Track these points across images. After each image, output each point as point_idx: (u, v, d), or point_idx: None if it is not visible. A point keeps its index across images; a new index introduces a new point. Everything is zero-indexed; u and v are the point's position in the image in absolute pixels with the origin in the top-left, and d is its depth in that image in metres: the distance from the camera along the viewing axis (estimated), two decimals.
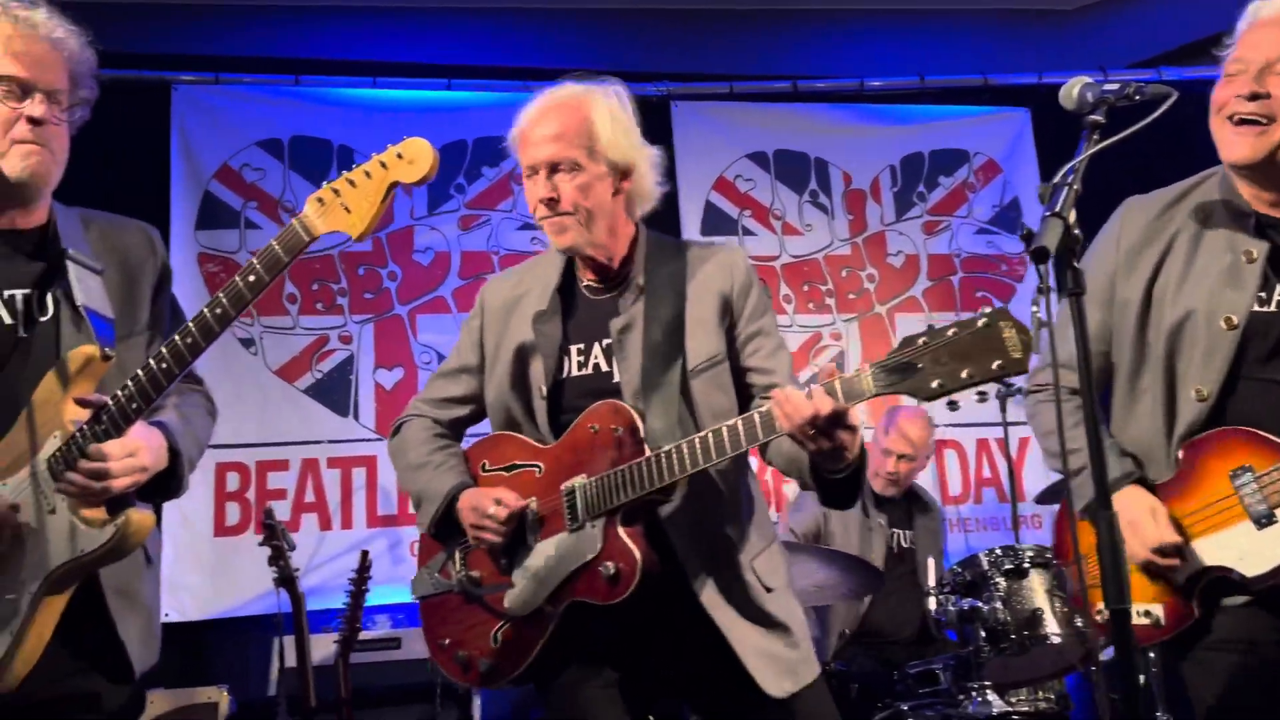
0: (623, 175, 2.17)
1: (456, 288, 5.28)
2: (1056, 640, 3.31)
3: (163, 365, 1.82)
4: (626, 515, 2.00)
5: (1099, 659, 3.39)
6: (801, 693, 2.06)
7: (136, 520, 1.85)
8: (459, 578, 2.19)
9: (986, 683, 3.36)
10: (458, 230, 5.36)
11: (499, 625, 2.13)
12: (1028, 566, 3.40)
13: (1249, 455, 1.94)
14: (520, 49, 5.48)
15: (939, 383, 1.71)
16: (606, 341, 2.16)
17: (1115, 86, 1.82)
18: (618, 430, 2.03)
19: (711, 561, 2.08)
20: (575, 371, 2.17)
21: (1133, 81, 1.84)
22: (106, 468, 1.81)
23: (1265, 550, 1.91)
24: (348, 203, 1.78)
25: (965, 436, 5.60)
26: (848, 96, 5.81)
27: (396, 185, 1.78)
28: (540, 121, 2.16)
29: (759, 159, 5.77)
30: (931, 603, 3.59)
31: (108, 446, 1.83)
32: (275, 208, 5.17)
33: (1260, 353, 1.98)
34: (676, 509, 2.05)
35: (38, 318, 1.98)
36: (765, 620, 2.07)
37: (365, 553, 3.71)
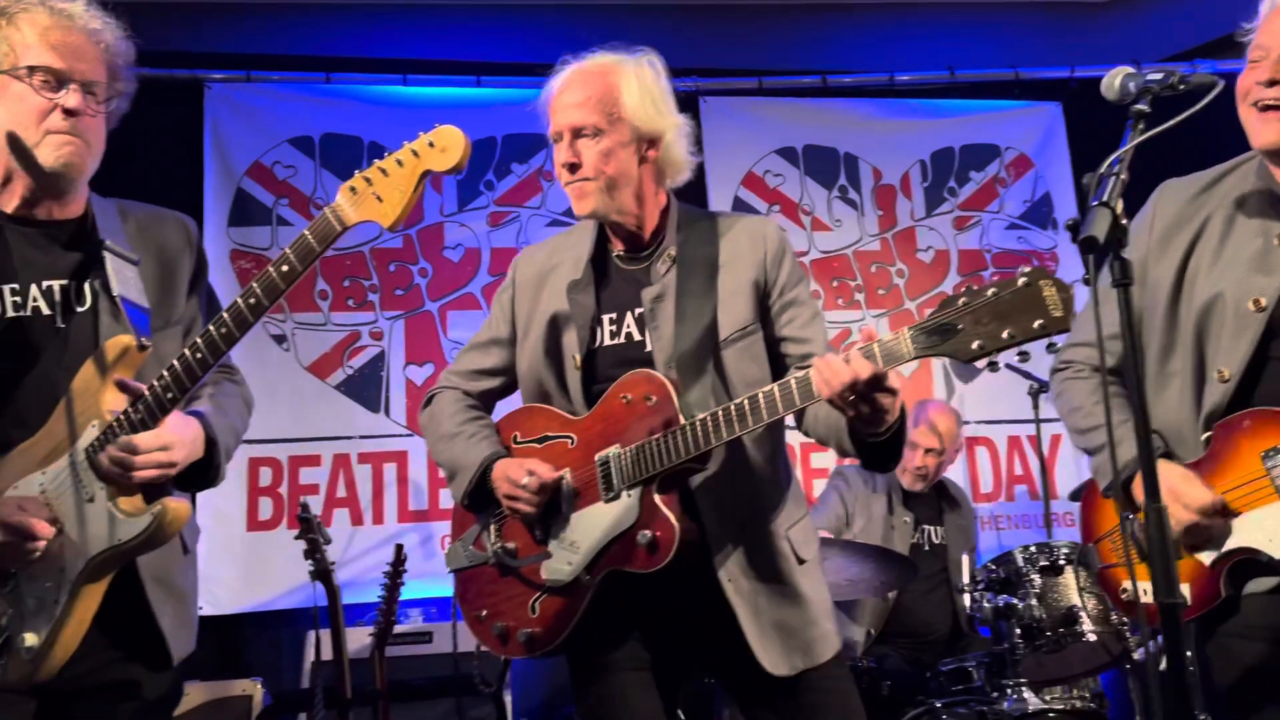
0: (649, 143, 2.15)
1: (486, 284, 5.29)
2: (1092, 637, 3.27)
3: (198, 355, 1.83)
4: (662, 483, 2.00)
5: (1133, 655, 3.36)
6: (814, 671, 2.04)
7: (173, 509, 1.85)
8: (494, 549, 2.18)
9: (1022, 680, 3.33)
10: (487, 227, 5.37)
11: (536, 595, 2.12)
12: (1063, 563, 3.37)
13: None
14: (548, 46, 5.43)
15: (979, 343, 1.69)
16: (639, 311, 2.15)
17: (1159, 76, 1.81)
18: (651, 399, 2.02)
19: (743, 530, 2.07)
20: (608, 341, 2.17)
21: (1177, 70, 1.83)
22: (132, 459, 1.82)
23: None
24: (380, 191, 1.77)
25: (997, 433, 5.54)
26: (877, 91, 5.76)
27: (429, 174, 1.76)
28: (566, 88, 2.16)
29: (788, 154, 5.74)
30: (966, 599, 3.56)
31: (140, 438, 1.83)
32: (306, 205, 5.20)
33: None
34: (708, 477, 2.05)
35: (75, 308, 1.99)
36: (789, 593, 2.06)
37: (400, 546, 3.72)
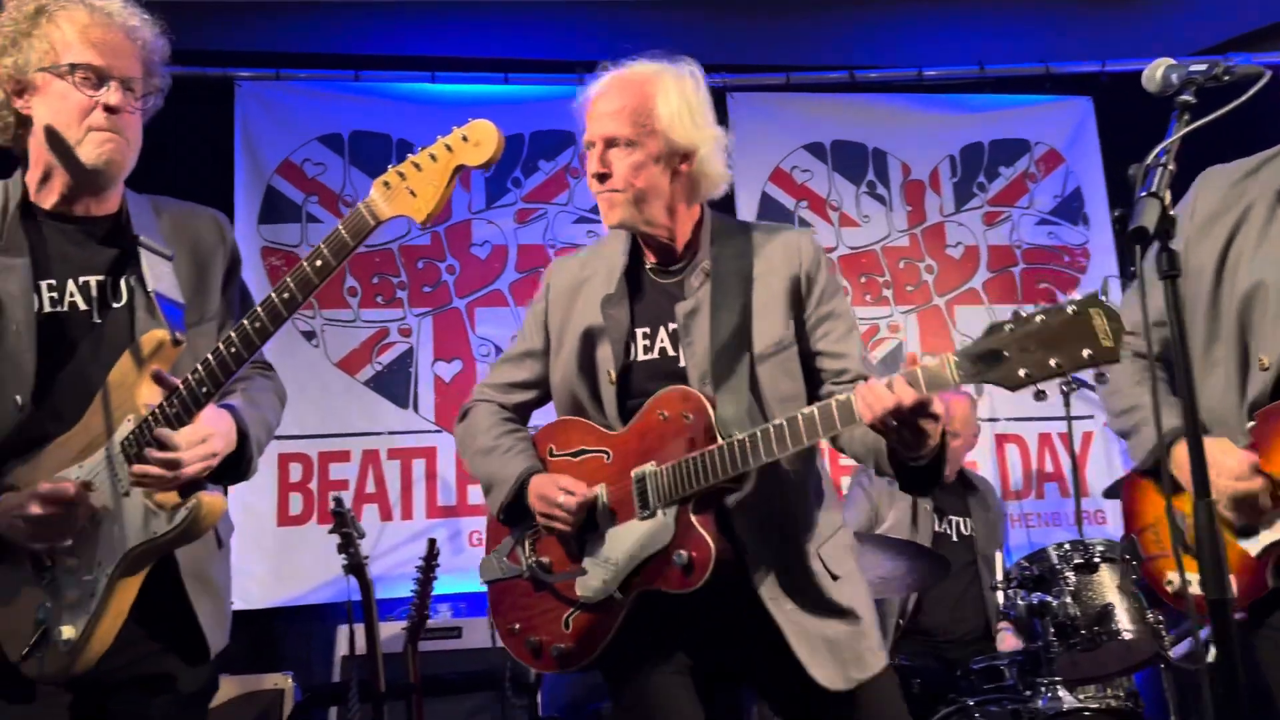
0: (683, 157, 2.13)
1: (513, 281, 5.30)
2: (1128, 636, 3.23)
3: (231, 349, 1.83)
4: (699, 503, 1.98)
5: (1170, 654, 3.31)
6: (868, 683, 2.03)
7: (208, 502, 1.86)
8: (528, 563, 2.17)
9: (1056, 678, 3.29)
10: (514, 224, 5.37)
11: (570, 611, 2.11)
12: (1098, 561, 3.32)
13: None
14: (575, 42, 5.47)
15: (1026, 371, 1.66)
16: (673, 325, 2.13)
17: (1203, 67, 1.78)
18: (688, 417, 2.01)
19: (777, 550, 2.05)
20: (642, 355, 2.15)
21: (1221, 61, 1.80)
22: (178, 457, 1.82)
23: None
24: (413, 186, 1.76)
25: (1027, 430, 5.49)
26: (906, 86, 5.71)
27: (462, 168, 1.75)
28: (603, 96, 2.15)
29: (815, 150, 5.70)
30: (1000, 597, 3.52)
31: (178, 435, 1.84)
32: (336, 202, 5.22)
33: None
34: (745, 496, 2.03)
35: (111, 304, 2.01)
36: (830, 609, 2.04)
37: (433, 541, 3.73)
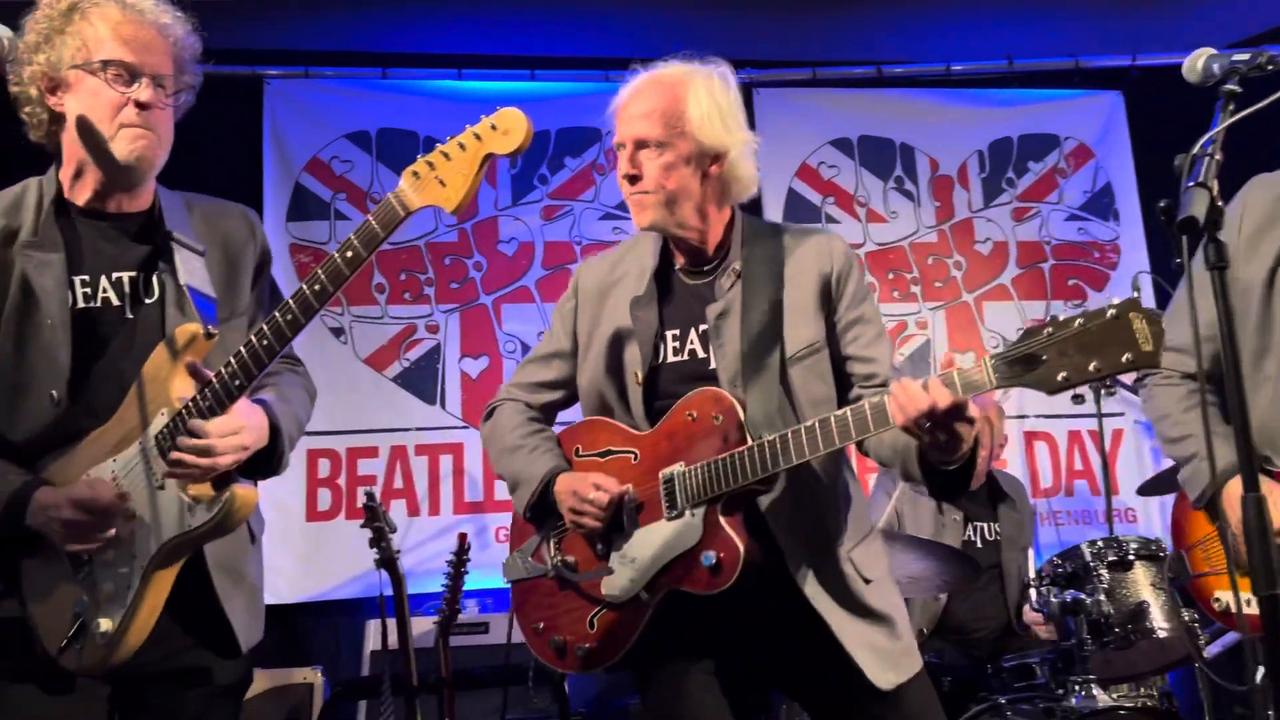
0: (713, 159, 2.12)
1: (540, 278, 5.31)
2: (1163, 634, 3.19)
3: (264, 342, 1.83)
4: (727, 504, 1.97)
5: (1205, 654, 3.27)
6: (906, 684, 2.02)
7: (241, 496, 1.87)
8: (554, 563, 2.17)
9: (1090, 676, 3.26)
10: (541, 221, 5.38)
11: (595, 610, 2.11)
12: (1132, 558, 3.28)
13: None
14: (602, 39, 5.47)
15: (1065, 375, 1.64)
16: (703, 327, 2.12)
17: (1246, 57, 1.76)
18: (718, 418, 2.00)
19: (810, 552, 2.04)
20: (671, 357, 2.14)
21: (1265, 51, 1.78)
22: (210, 444, 1.83)
23: None
24: (442, 176, 1.75)
25: (1057, 428, 5.44)
26: (933, 81, 5.69)
27: (491, 156, 1.74)
28: (634, 98, 2.15)
29: (843, 145, 5.67)
30: (1032, 594, 3.49)
31: (210, 425, 1.84)
32: (364, 199, 5.24)
33: None
34: (777, 498, 2.01)
35: (144, 299, 2.02)
36: (865, 612, 2.03)
37: (463, 535, 3.75)
